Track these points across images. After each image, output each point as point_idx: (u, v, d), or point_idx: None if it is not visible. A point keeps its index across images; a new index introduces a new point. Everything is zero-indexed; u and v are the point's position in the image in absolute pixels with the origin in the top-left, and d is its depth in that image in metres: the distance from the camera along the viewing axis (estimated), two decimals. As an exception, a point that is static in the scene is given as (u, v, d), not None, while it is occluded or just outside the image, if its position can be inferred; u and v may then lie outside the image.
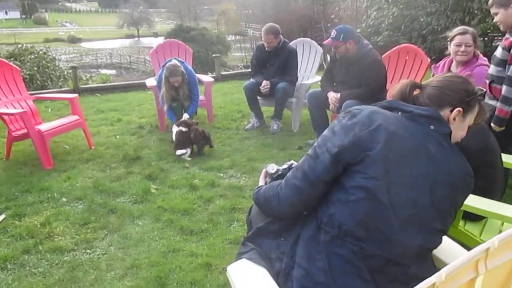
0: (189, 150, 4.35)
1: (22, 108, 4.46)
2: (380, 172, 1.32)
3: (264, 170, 1.80)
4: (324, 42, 4.20)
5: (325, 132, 1.45)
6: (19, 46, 9.95)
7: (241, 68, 14.01)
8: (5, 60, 4.79)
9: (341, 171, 1.38)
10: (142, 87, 8.42)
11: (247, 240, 1.64)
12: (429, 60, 4.69)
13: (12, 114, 4.27)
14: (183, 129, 4.46)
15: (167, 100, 4.79)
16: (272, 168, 1.74)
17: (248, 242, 1.63)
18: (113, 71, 31.07)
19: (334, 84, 4.41)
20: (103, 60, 38.89)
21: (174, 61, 4.76)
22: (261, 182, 1.77)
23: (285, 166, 1.72)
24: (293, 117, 5.17)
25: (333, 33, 4.05)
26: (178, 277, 2.43)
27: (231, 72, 11.75)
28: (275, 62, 5.04)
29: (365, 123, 1.37)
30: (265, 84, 4.94)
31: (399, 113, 1.43)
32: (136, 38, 60.22)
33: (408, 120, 1.40)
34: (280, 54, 5.02)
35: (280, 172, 1.71)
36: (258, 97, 5.14)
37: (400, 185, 1.34)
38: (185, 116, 4.74)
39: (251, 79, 5.22)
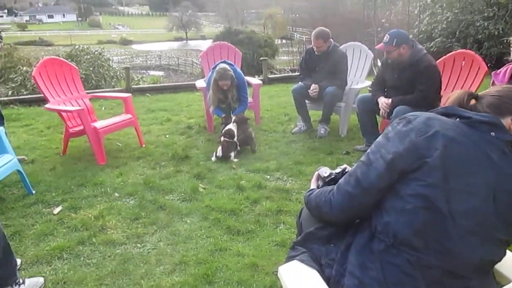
0: (232, 154, 4.42)
1: (79, 106, 4.68)
2: (438, 180, 1.28)
3: (316, 173, 1.79)
4: (377, 47, 4.14)
5: (379, 138, 1.42)
6: (76, 47, 10.46)
7: (288, 71, 13.99)
8: (65, 60, 5.05)
9: (396, 178, 1.35)
10: (191, 88, 8.66)
11: (296, 244, 1.63)
12: (487, 67, 4.50)
13: (70, 111, 4.50)
14: (228, 139, 4.50)
15: (213, 103, 4.88)
16: (325, 171, 1.72)
17: (298, 246, 1.63)
18: (162, 73, 31.90)
19: (385, 89, 4.33)
20: (153, 61, 40.09)
21: (224, 65, 4.84)
22: (313, 185, 1.77)
23: (338, 170, 1.70)
24: (341, 122, 5.12)
25: (386, 37, 3.98)
26: (225, 275, 2.46)
27: (278, 75, 11.80)
28: (325, 66, 5.01)
29: (421, 129, 1.33)
30: (314, 88, 4.92)
31: (457, 119, 1.38)
32: (184, 41, 61.63)
33: (467, 126, 1.35)
34: (330, 57, 4.99)
35: (333, 176, 1.69)
36: (306, 101, 5.13)
37: (461, 193, 1.29)
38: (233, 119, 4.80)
39: (300, 83, 5.21)
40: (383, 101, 4.15)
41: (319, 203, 1.55)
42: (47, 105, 4.41)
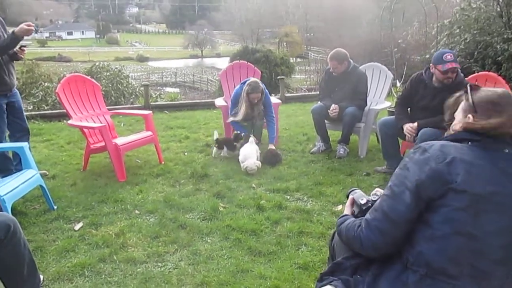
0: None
1: (101, 123, 4.74)
2: (466, 203, 1.28)
3: (351, 197, 1.76)
4: (450, 66, 3.84)
5: (398, 170, 1.43)
6: (96, 64, 10.66)
7: (304, 90, 14.03)
8: (88, 78, 5.14)
9: (424, 207, 1.34)
10: (208, 106, 8.75)
11: (324, 275, 1.60)
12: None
13: (92, 128, 4.55)
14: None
15: (241, 116, 4.97)
16: (361, 198, 1.68)
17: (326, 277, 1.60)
18: (177, 90, 32.27)
19: (409, 108, 4.29)
20: (168, 78, 40.60)
21: (255, 79, 5.00)
22: (347, 211, 1.73)
23: (374, 197, 1.67)
24: (361, 143, 5.09)
25: (450, 56, 3.85)
26: (247, 298, 2.43)
27: (295, 94, 11.84)
28: (345, 86, 5.02)
29: (439, 156, 1.34)
30: (333, 108, 4.91)
31: (469, 143, 1.39)
32: (200, 58, 62.41)
33: (479, 149, 1.36)
34: (350, 78, 4.99)
35: (370, 204, 1.64)
36: (326, 121, 5.12)
37: (490, 213, 1.29)
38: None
39: (319, 102, 5.21)
40: (408, 126, 4.11)
41: (349, 238, 1.53)
42: (70, 121, 4.47)
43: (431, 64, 4.06)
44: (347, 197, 1.80)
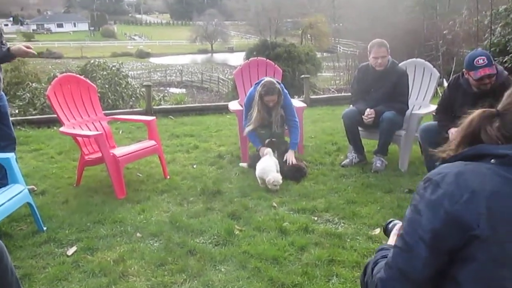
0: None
1: (97, 130, 4.81)
2: (496, 253, 1.21)
3: (398, 225, 1.73)
4: (482, 73, 3.87)
5: (408, 212, 1.34)
6: (91, 61, 10.83)
7: (333, 91, 14.02)
8: (82, 78, 5.23)
9: (446, 260, 1.27)
10: (220, 110, 8.83)
11: None
12: None
13: (87, 136, 4.62)
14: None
15: (254, 122, 4.96)
16: None
17: None
18: (183, 90, 32.58)
19: (453, 115, 4.25)
20: (173, 77, 41.08)
21: (270, 78, 4.99)
22: (392, 240, 1.69)
23: None
24: (401, 154, 5.06)
25: (482, 59, 3.83)
26: (269, 339, 2.42)
27: (322, 96, 11.86)
28: (382, 87, 4.99)
29: (454, 194, 1.24)
30: (369, 113, 4.89)
31: (492, 160, 1.28)
32: (209, 54, 62.98)
33: (505, 167, 1.24)
34: (388, 77, 4.97)
35: None
36: (359, 128, 5.10)
37: None
38: (289, 156, 4.94)
39: (351, 106, 5.21)
40: (454, 132, 4.07)
41: None
42: (62, 129, 4.55)
43: (464, 69, 4.06)
44: (385, 231, 1.78)
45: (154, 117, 5.18)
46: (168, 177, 4.90)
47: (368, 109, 4.92)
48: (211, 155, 5.72)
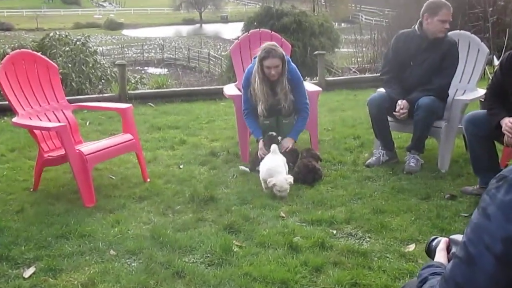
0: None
1: (59, 121, 4.82)
2: None
3: (444, 239, 1.74)
4: None
5: (475, 217, 1.36)
6: (50, 34, 10.83)
7: (354, 72, 13.95)
8: (40, 55, 5.24)
9: None
10: (212, 95, 8.84)
11: None
12: None
13: (47, 129, 4.63)
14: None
15: (255, 100, 5.08)
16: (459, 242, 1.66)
17: None
18: (165, 70, 32.56)
19: (507, 100, 4.25)
20: (152, 54, 41.13)
21: (272, 42, 5.13)
22: (440, 257, 1.70)
23: None
24: (441, 150, 5.08)
25: None
26: None
27: (341, 77, 11.85)
28: (427, 59, 5.03)
29: None
30: (401, 106, 4.91)
31: None
32: (198, 25, 62.93)
33: None
34: (438, 46, 5.00)
35: None
36: (389, 118, 5.12)
37: None
38: (285, 143, 5.03)
39: (379, 90, 5.23)
40: (508, 121, 4.09)
41: None
42: (15, 119, 4.57)
43: None
44: (428, 251, 1.78)
45: (129, 105, 5.18)
46: (148, 180, 4.92)
47: (400, 102, 4.93)
48: (202, 152, 5.75)
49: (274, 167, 4.64)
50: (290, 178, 4.58)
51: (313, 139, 5.66)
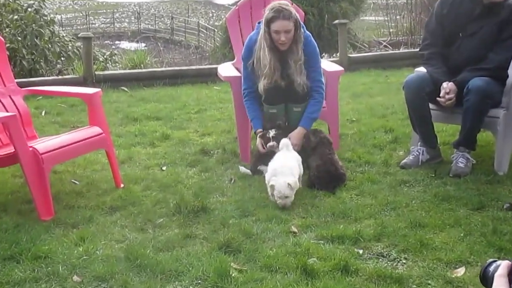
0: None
1: (6, 110, 4.81)
2: None
3: (505, 264, 1.74)
4: None
5: None
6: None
7: (385, 46, 13.89)
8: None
9: None
10: (203, 77, 8.83)
11: None
12: None
13: (-10, 121, 4.63)
14: (273, 132, 4.84)
15: (260, 72, 5.06)
16: None
17: None
18: (143, 45, 32.48)
19: None
20: (125, 24, 41.10)
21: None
22: (500, 286, 1.70)
23: None
24: (499, 146, 5.08)
25: None
26: None
27: (368, 53, 11.80)
28: (483, 27, 5.01)
29: None
30: (447, 91, 4.89)
31: None
32: (184, -14, 62.86)
33: None
34: (490, 16, 4.98)
35: None
36: (431, 106, 5.11)
37: None
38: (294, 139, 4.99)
39: (420, 69, 5.21)
40: None
41: None
42: (-51, 109, 4.56)
43: None
44: (482, 277, 1.78)
45: (97, 90, 5.16)
46: (122, 186, 4.93)
47: (445, 84, 4.91)
48: (191, 150, 5.76)
49: (280, 167, 4.64)
50: (294, 183, 4.56)
51: (333, 133, 5.63)
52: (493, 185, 4.79)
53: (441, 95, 4.93)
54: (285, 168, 4.64)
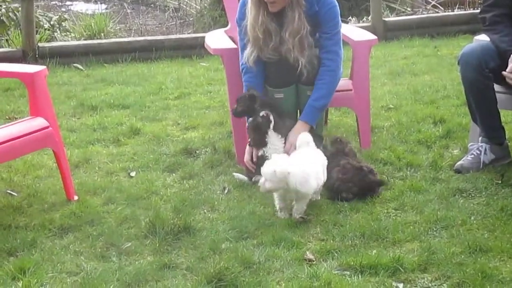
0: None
1: None
2: None
3: None
4: None
5: None
6: None
7: (433, 7, 13.89)
8: None
9: None
10: (186, 50, 8.84)
11: None
12: None
13: None
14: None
15: (254, 41, 5.06)
16: None
17: None
18: (102, 7, 32.49)
19: None
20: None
21: None
22: None
23: None
24: None
25: None
26: None
27: (410, 17, 11.81)
28: None
29: None
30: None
31: None
32: None
33: None
34: None
35: None
36: (497, 88, 5.12)
37: None
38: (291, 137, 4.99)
39: (480, 38, 5.23)
40: None
41: None
42: None
43: None
44: None
45: (41, 67, 5.17)
46: (76, 198, 4.94)
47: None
48: (169, 149, 5.79)
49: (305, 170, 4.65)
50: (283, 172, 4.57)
51: (362, 124, 5.66)
52: None
53: (508, 70, 4.93)
54: (312, 171, 4.64)
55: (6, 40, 10.19)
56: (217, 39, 5.90)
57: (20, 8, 9.28)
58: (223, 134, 5.91)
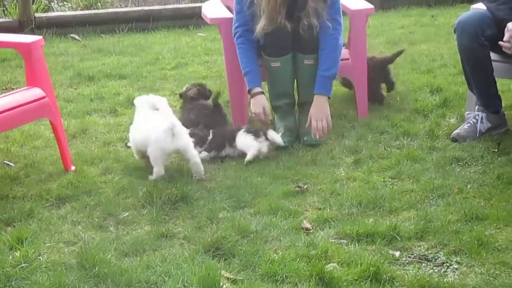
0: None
1: None
2: None
3: None
4: None
5: None
6: None
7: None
8: None
9: None
10: (184, 20, 8.80)
11: None
12: None
13: None
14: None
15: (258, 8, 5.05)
16: None
17: None
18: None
19: None
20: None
21: None
22: None
23: None
24: None
25: None
26: None
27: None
28: None
29: None
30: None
31: None
32: None
33: None
34: None
35: None
36: (493, 56, 5.11)
37: None
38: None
39: (477, 6, 5.21)
40: None
41: None
42: None
43: None
44: None
45: (38, 37, 5.14)
46: (73, 168, 4.94)
47: (511, 25, 4.90)
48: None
49: None
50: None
51: (359, 93, 5.65)
52: None
53: (504, 39, 4.92)
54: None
55: (3, 10, 10.13)
56: (214, 9, 5.87)
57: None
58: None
